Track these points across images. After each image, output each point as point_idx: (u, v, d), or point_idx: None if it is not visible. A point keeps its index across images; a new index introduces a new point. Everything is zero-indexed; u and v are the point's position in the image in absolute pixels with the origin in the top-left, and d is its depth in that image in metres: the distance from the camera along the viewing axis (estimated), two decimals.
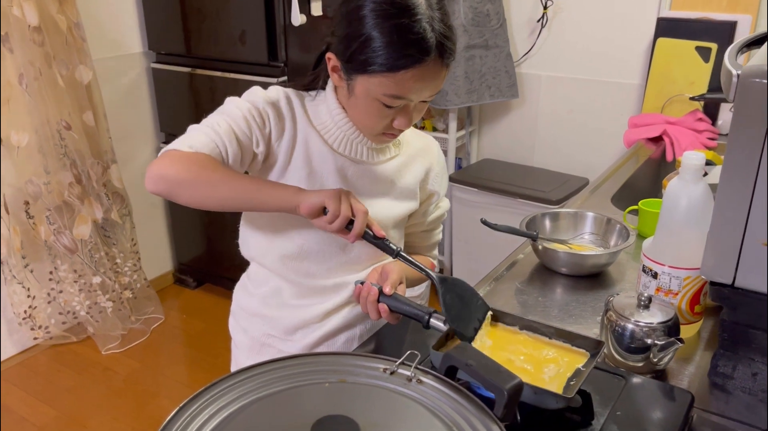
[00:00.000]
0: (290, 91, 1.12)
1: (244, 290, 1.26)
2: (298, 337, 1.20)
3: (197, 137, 1.02)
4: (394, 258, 1.00)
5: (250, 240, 1.20)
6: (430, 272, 1.01)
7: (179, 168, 0.98)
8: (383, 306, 1.02)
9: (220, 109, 1.08)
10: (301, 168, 1.10)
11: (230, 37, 2.61)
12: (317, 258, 1.15)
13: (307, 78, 1.15)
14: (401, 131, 1.08)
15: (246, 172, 1.11)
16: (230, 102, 1.08)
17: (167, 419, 0.63)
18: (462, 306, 0.98)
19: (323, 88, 1.13)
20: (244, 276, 1.28)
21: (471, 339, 0.96)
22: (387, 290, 1.02)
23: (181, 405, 0.65)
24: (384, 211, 1.15)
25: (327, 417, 0.61)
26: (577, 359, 0.92)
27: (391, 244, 0.99)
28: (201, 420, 0.64)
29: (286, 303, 1.19)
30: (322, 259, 1.15)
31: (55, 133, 2.47)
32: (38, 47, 2.35)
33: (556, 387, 0.85)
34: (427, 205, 1.24)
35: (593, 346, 0.93)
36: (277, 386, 0.70)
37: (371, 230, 0.98)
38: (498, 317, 1.01)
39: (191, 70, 2.77)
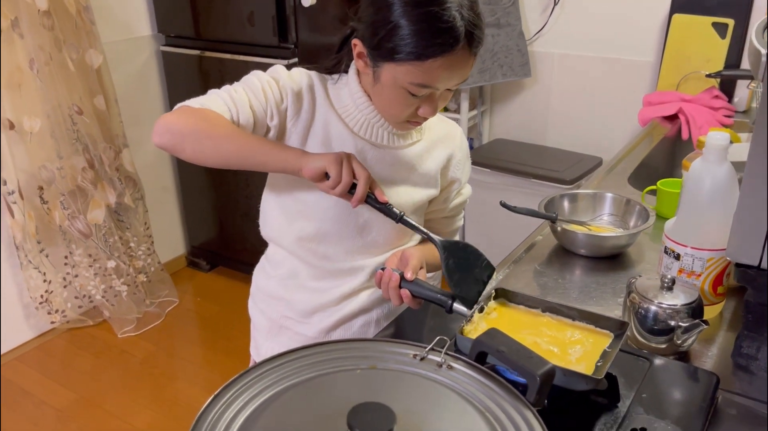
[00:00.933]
0: (313, 74, 1.12)
1: (262, 271, 1.27)
2: (315, 320, 1.21)
3: (212, 98, 1.04)
4: (397, 222, 1.00)
5: (269, 221, 1.20)
6: (433, 236, 1.01)
7: (186, 121, 0.99)
8: (405, 292, 1.02)
9: (242, 79, 1.09)
10: (318, 150, 1.09)
11: (239, 18, 2.59)
12: (334, 240, 1.14)
13: (330, 61, 1.14)
14: (425, 119, 1.07)
15: None
16: (253, 74, 1.09)
17: (202, 408, 0.63)
18: (465, 270, 0.99)
19: (346, 72, 1.12)
20: (263, 258, 1.29)
21: (473, 302, 0.96)
22: (408, 275, 1.02)
23: (216, 393, 0.66)
24: (404, 196, 1.14)
25: (362, 405, 0.61)
26: (602, 340, 0.92)
27: (393, 209, 0.99)
28: (236, 409, 0.64)
29: (303, 285, 1.19)
30: (338, 242, 1.15)
31: (66, 117, 2.47)
32: (48, 31, 2.34)
33: (584, 368, 0.86)
34: (448, 191, 1.22)
35: (617, 327, 0.93)
36: (309, 373, 0.71)
37: (373, 194, 0.99)
38: (520, 299, 1.01)
39: (201, 52, 2.76)
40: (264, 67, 1.13)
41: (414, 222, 1.01)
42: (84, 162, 2.56)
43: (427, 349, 0.74)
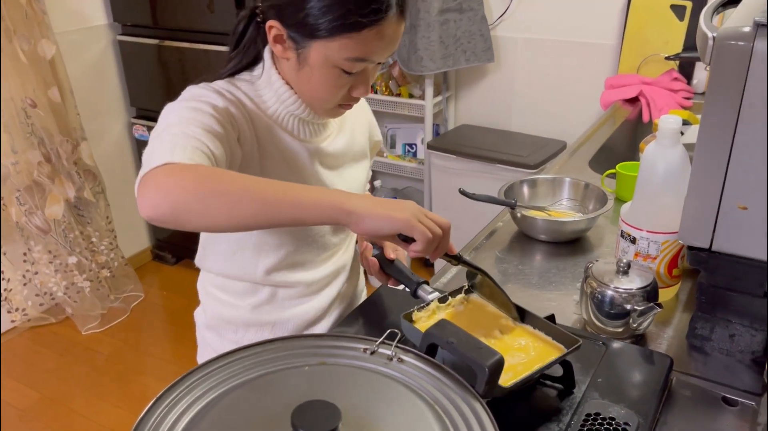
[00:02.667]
0: (222, 84, 0.96)
1: (222, 304, 1.12)
2: (318, 328, 1.15)
3: (175, 146, 0.80)
4: (457, 264, 0.94)
5: (222, 262, 1.08)
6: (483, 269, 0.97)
7: (185, 183, 0.76)
8: (373, 260, 1.05)
9: (170, 120, 0.86)
10: (283, 173, 1.00)
11: (199, 6, 2.53)
12: (304, 260, 1.09)
13: (231, 63, 1.00)
14: (358, 100, 1.01)
15: None
16: (179, 109, 0.88)
17: (143, 412, 0.61)
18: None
19: (249, 69, 1.00)
20: (212, 290, 1.13)
21: (460, 257, 0.93)
22: (391, 255, 1.05)
23: (158, 396, 0.64)
24: (352, 181, 1.13)
25: (307, 403, 0.60)
26: (548, 353, 0.88)
27: (459, 254, 0.95)
28: (178, 411, 0.63)
29: (284, 304, 1.11)
30: (310, 260, 1.09)
31: (20, 111, 2.40)
32: None
33: (510, 377, 0.82)
34: (373, 155, 1.22)
35: (569, 344, 0.88)
36: (256, 372, 0.69)
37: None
38: (490, 296, 1.00)
39: (159, 41, 2.69)
40: (225, 57, 1.01)
41: (470, 260, 0.97)
42: (40, 156, 2.49)
43: (377, 343, 0.73)
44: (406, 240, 0.83)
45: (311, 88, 0.96)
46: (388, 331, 0.75)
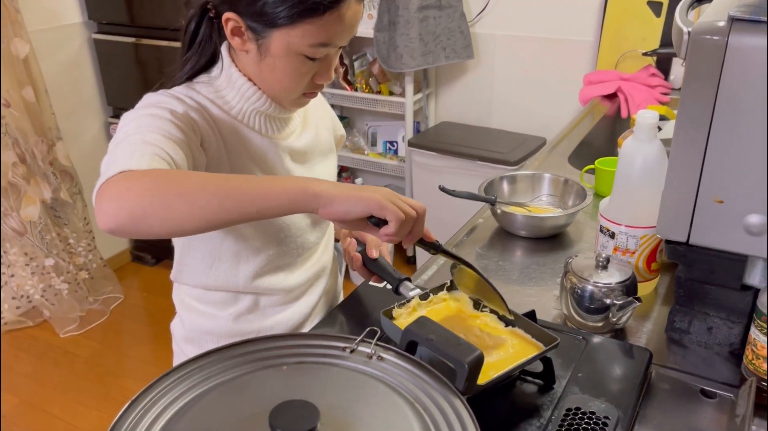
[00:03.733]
0: (180, 89, 0.94)
1: (201, 315, 1.09)
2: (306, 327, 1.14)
3: (133, 153, 0.79)
4: (435, 253, 0.89)
5: (200, 275, 1.04)
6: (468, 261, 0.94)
7: (141, 185, 0.74)
8: (357, 256, 1.06)
9: (128, 129, 0.85)
10: (247, 164, 0.98)
11: (175, 3, 2.50)
12: (284, 263, 1.07)
13: (187, 65, 0.96)
14: (322, 87, 0.99)
15: None
16: (137, 117, 0.87)
17: (116, 417, 0.60)
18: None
19: (206, 70, 0.97)
20: (190, 301, 1.10)
21: (438, 245, 0.89)
22: (374, 254, 1.06)
23: (132, 399, 0.63)
24: (326, 176, 1.12)
25: (285, 403, 0.59)
26: (526, 351, 0.88)
27: (437, 242, 0.90)
28: (154, 414, 0.61)
29: (266, 312, 1.08)
30: (290, 263, 1.07)
31: None
32: None
33: (492, 374, 0.81)
34: (339, 147, 1.22)
35: (548, 341, 0.88)
36: (234, 372, 0.68)
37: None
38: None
39: (136, 40, 2.66)
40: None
41: (449, 249, 0.92)
42: (14, 157, 2.45)
43: (356, 341, 0.73)
44: (378, 224, 0.78)
45: (275, 79, 0.94)
46: (368, 329, 0.74)
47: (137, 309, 2.89)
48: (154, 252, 3.16)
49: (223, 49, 0.96)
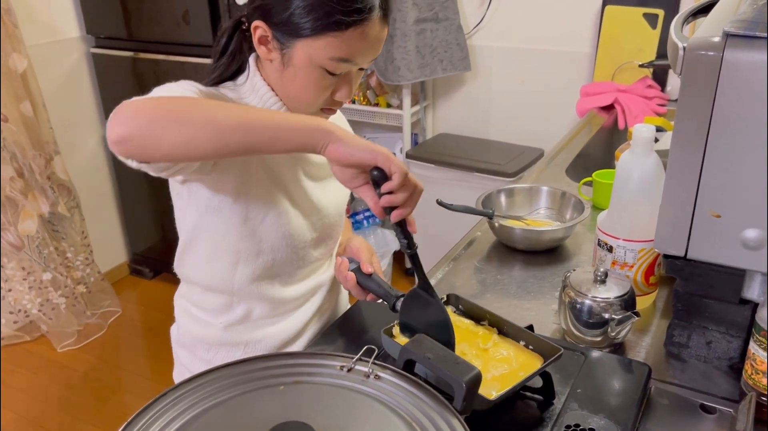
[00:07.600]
0: (205, 87, 0.96)
1: (195, 321, 1.11)
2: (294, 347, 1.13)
3: (160, 89, 0.88)
4: (408, 254, 0.88)
5: (199, 268, 1.05)
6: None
7: (159, 102, 0.81)
8: (351, 275, 1.04)
9: (159, 93, 0.89)
10: (264, 183, 0.99)
11: (173, 17, 2.51)
12: (282, 272, 1.06)
13: (215, 72, 1.00)
14: (341, 104, 1.01)
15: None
16: (166, 90, 0.90)
17: None
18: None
19: (233, 79, 1.00)
20: (187, 305, 1.12)
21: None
22: (368, 269, 1.05)
23: (129, 419, 0.62)
24: (339, 194, 1.12)
25: (282, 424, 0.59)
26: (531, 363, 0.88)
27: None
28: None
29: (257, 324, 1.09)
30: (288, 273, 1.07)
31: None
32: None
33: (498, 388, 0.82)
34: None
35: (550, 352, 0.88)
36: (230, 392, 0.68)
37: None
38: (468, 308, 0.99)
39: (134, 54, 2.67)
40: (201, 68, 1.03)
41: (419, 262, 0.91)
42: (12, 171, 2.44)
43: (354, 360, 0.72)
44: (379, 181, 0.80)
45: (295, 89, 0.96)
46: (365, 348, 0.74)
47: (135, 323, 2.87)
48: (152, 266, 3.15)
49: (251, 59, 1.00)
